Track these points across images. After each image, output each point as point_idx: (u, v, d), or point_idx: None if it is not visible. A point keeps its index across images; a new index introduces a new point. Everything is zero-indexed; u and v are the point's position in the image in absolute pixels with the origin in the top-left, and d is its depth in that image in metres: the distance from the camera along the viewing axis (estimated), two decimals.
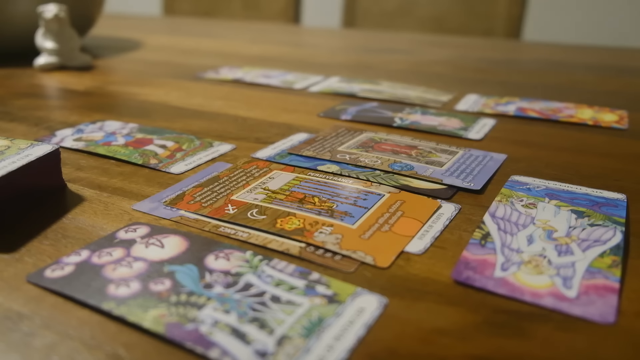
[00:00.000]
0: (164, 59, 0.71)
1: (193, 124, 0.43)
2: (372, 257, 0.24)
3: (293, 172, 0.33)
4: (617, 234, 0.26)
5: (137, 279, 0.22)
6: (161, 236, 0.25)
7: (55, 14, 0.59)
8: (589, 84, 0.60)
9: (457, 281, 0.22)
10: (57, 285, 0.21)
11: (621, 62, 0.74)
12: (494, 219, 0.27)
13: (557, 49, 0.85)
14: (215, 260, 0.23)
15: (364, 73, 0.64)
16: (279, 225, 0.26)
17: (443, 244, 0.25)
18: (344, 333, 0.19)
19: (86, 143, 0.38)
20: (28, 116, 0.45)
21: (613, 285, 0.22)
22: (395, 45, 0.86)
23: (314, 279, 0.22)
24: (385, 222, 0.27)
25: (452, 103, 0.51)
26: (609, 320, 0.20)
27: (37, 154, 0.28)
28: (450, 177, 0.32)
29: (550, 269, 0.23)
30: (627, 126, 0.44)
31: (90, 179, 0.32)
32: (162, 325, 0.19)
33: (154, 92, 0.53)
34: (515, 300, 0.21)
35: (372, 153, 0.36)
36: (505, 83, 0.60)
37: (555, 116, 0.46)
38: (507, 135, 0.42)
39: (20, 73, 0.61)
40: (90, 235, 0.26)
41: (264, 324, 0.19)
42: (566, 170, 0.35)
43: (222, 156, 0.36)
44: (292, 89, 0.56)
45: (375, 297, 0.21)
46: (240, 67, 0.65)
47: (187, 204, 0.29)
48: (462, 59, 0.74)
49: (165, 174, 0.33)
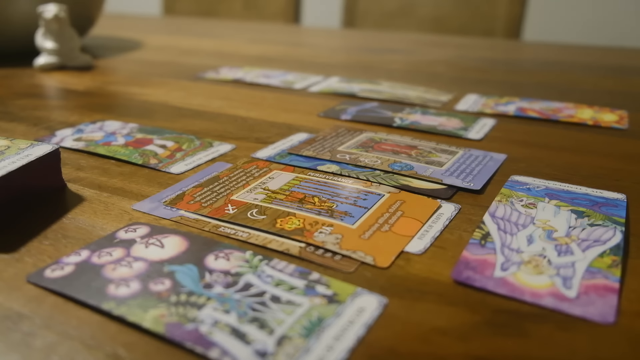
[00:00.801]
0: (164, 59, 0.71)
1: (193, 124, 0.43)
2: (372, 257, 0.24)
3: (293, 172, 0.33)
4: (617, 234, 0.26)
5: (137, 279, 0.22)
6: (161, 236, 0.25)
7: (55, 14, 0.59)
8: (589, 84, 0.60)
9: (457, 281, 0.22)
10: (57, 285, 0.21)
11: (621, 62, 0.74)
12: (494, 219, 0.27)
13: (557, 49, 0.85)
14: (215, 260, 0.23)
15: (363, 73, 0.64)
16: (279, 225, 0.26)
17: (443, 244, 0.25)
18: (343, 333, 0.19)
19: (86, 143, 0.38)
20: (28, 116, 0.45)
21: (613, 285, 0.22)
22: (395, 45, 0.86)
23: (314, 279, 0.22)
24: (385, 222, 0.27)
25: (452, 103, 0.51)
26: (609, 320, 0.20)
27: (37, 154, 0.28)
28: (450, 177, 0.32)
29: (550, 269, 0.23)
30: (627, 126, 0.44)
31: (90, 179, 0.32)
32: (162, 325, 0.19)
33: (154, 92, 0.53)
34: (515, 300, 0.21)
35: (372, 153, 0.36)
36: (505, 83, 0.60)
37: (555, 116, 0.46)
38: (507, 135, 0.42)
39: (20, 73, 0.61)
40: (90, 235, 0.26)
41: (264, 324, 0.19)
42: (566, 170, 0.35)
43: (222, 156, 0.36)
44: (292, 89, 0.56)
45: (375, 297, 0.21)
46: (240, 67, 0.65)
47: (187, 204, 0.29)
48: (462, 59, 0.74)
49: (165, 174, 0.33)
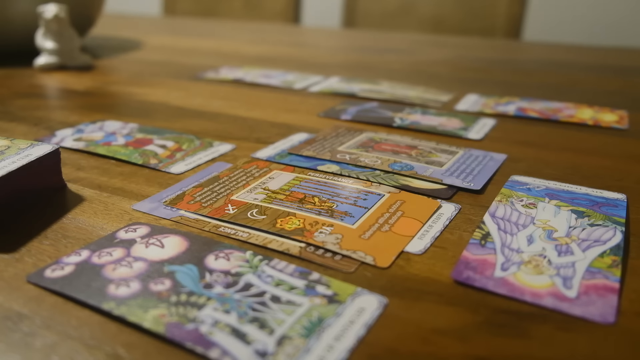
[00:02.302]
0: (164, 59, 0.71)
1: (193, 124, 0.43)
2: (372, 257, 0.24)
3: (293, 172, 0.33)
4: (617, 234, 0.26)
5: (137, 279, 0.22)
6: (161, 236, 0.25)
7: (55, 14, 0.59)
8: (589, 84, 0.60)
9: (457, 281, 0.22)
10: (57, 285, 0.21)
11: (621, 62, 0.74)
12: (494, 219, 0.27)
13: (557, 49, 0.85)
14: (215, 260, 0.23)
15: (363, 73, 0.64)
16: (279, 225, 0.26)
17: (443, 244, 0.25)
18: (344, 333, 0.19)
19: (86, 143, 0.38)
20: (28, 116, 0.45)
21: (613, 285, 0.22)
22: (395, 45, 0.86)
23: (314, 279, 0.22)
24: (385, 222, 0.27)
25: (452, 103, 0.51)
26: (609, 320, 0.20)
27: (37, 154, 0.28)
28: (450, 177, 0.32)
29: (550, 269, 0.23)
30: (627, 126, 0.44)
31: (90, 179, 0.32)
32: (162, 325, 0.19)
33: (154, 92, 0.53)
34: (516, 300, 0.21)
35: (372, 153, 0.36)
36: (505, 83, 0.60)
37: (555, 116, 0.46)
38: (507, 135, 0.42)
39: (20, 73, 0.61)
40: (90, 235, 0.26)
41: (264, 324, 0.19)
42: (566, 170, 0.35)
43: (222, 156, 0.36)
44: (292, 89, 0.56)
45: (375, 297, 0.21)
46: (240, 67, 0.65)
47: (187, 204, 0.29)
48: (462, 59, 0.74)
49: (165, 174, 0.33)
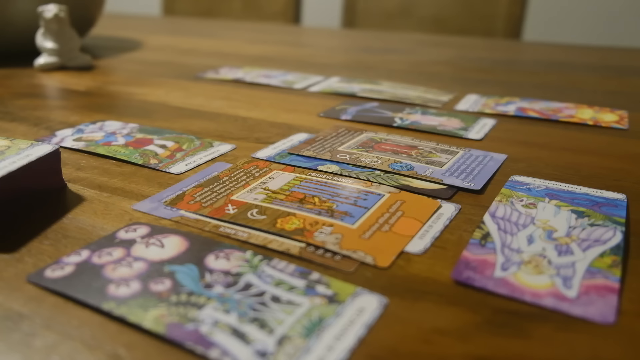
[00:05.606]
0: (164, 59, 0.71)
1: (193, 124, 0.43)
2: (372, 257, 0.24)
3: (293, 172, 0.33)
4: (617, 234, 0.26)
5: (137, 279, 0.22)
6: (161, 236, 0.25)
7: (55, 14, 0.59)
8: (589, 84, 0.60)
9: (457, 281, 0.22)
10: (57, 285, 0.21)
11: (621, 62, 0.74)
12: (494, 219, 0.27)
13: (557, 49, 0.85)
14: (215, 260, 0.23)
15: (364, 73, 0.64)
16: (279, 225, 0.26)
17: (443, 244, 0.25)
18: (344, 333, 0.19)
19: (86, 143, 0.38)
20: (28, 116, 0.45)
21: (613, 285, 0.22)
22: (395, 45, 0.86)
23: (314, 278, 0.22)
24: (385, 222, 0.27)
25: (452, 103, 0.51)
26: (609, 320, 0.20)
27: (37, 154, 0.28)
28: (451, 177, 0.32)
29: (550, 269, 0.23)
30: (627, 126, 0.44)
31: (91, 179, 0.32)
32: (162, 325, 0.19)
33: (154, 92, 0.53)
34: (516, 300, 0.21)
35: (372, 153, 0.36)
36: (505, 83, 0.60)
37: (555, 116, 0.46)
38: (507, 135, 0.42)
39: (20, 73, 0.61)
40: (91, 235, 0.26)
41: (264, 324, 0.19)
42: (566, 170, 0.35)
43: (222, 156, 0.36)
44: (292, 89, 0.56)
45: (375, 297, 0.21)
46: (240, 67, 0.65)
47: (187, 204, 0.29)
48: (462, 59, 0.74)
49: (166, 174, 0.33)
